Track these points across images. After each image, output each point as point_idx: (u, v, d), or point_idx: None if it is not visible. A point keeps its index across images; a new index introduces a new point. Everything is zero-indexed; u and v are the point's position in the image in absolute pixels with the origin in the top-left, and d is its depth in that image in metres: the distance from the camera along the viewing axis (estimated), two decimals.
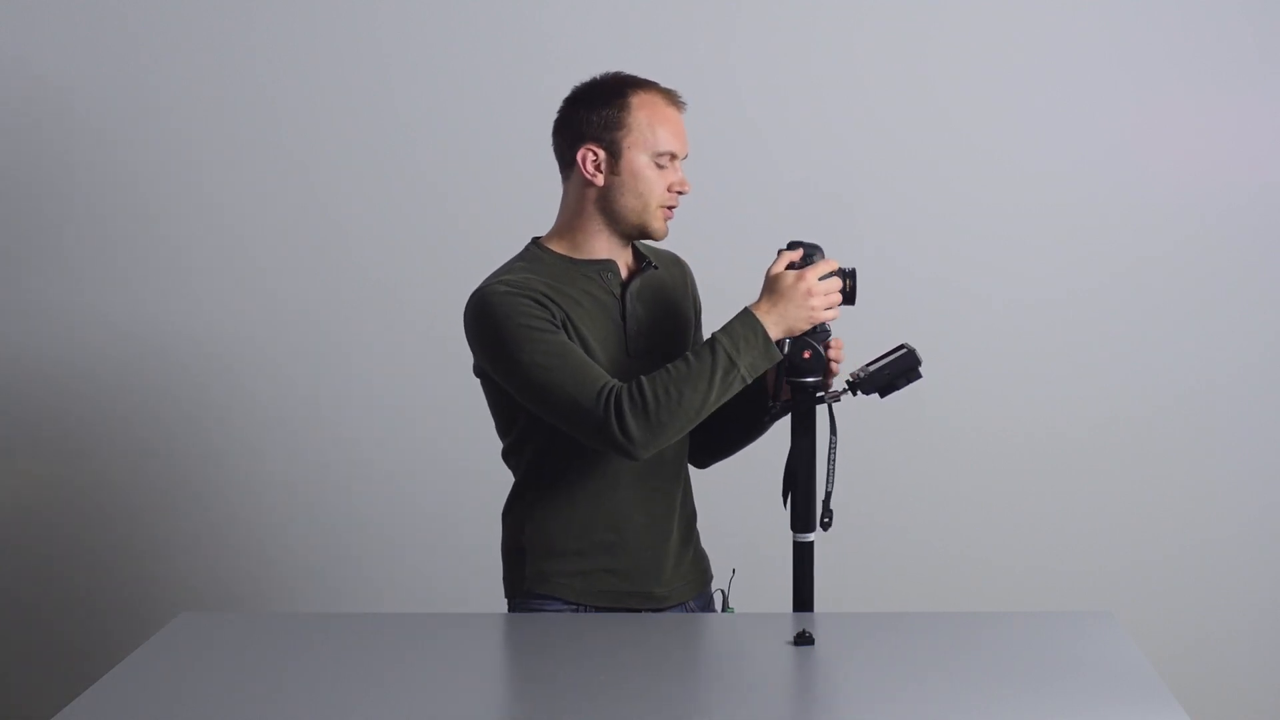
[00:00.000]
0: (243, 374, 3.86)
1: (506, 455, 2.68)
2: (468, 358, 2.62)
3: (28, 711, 3.87)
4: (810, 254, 2.54)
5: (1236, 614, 3.89)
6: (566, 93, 2.63)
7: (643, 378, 2.46)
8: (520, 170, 3.74)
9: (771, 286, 2.52)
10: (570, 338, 2.52)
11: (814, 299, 2.49)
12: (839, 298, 2.53)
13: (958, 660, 2.31)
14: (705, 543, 2.79)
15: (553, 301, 2.52)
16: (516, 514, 2.66)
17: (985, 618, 2.63)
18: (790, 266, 2.52)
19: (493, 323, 2.50)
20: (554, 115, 2.64)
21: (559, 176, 2.64)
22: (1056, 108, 3.79)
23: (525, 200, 3.67)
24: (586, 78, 2.63)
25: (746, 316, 2.49)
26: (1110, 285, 3.83)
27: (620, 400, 2.43)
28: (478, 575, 3.41)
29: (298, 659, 2.38)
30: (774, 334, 2.48)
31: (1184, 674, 3.63)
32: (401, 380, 3.85)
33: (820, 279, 2.50)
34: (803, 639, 2.37)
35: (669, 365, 2.47)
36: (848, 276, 2.54)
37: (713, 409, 2.48)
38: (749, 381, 2.48)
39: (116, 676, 2.27)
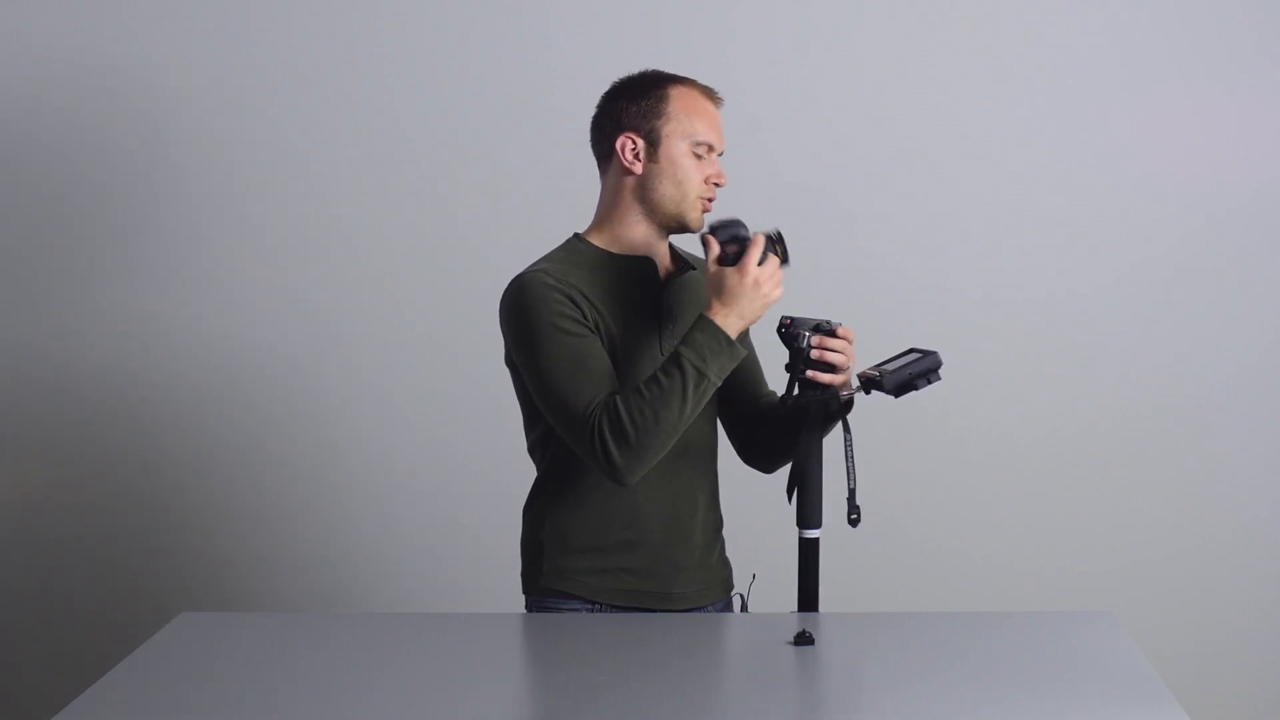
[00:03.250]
0: (244, 373, 3.86)
1: (532, 449, 2.68)
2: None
3: (28, 711, 3.87)
4: (735, 234, 2.54)
5: (1236, 614, 3.89)
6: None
7: (618, 401, 2.45)
8: (536, 174, 3.74)
9: (718, 288, 2.50)
10: (602, 338, 2.53)
11: (762, 287, 2.50)
12: (780, 274, 2.53)
13: (958, 660, 2.31)
14: (731, 548, 2.78)
15: (588, 301, 2.53)
16: (537, 510, 2.66)
17: (985, 618, 2.63)
18: (722, 259, 2.52)
19: (525, 310, 2.52)
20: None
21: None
22: (1057, 107, 3.79)
23: (539, 204, 3.69)
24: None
25: (705, 324, 2.49)
26: (1110, 285, 3.83)
27: (601, 424, 2.44)
28: (483, 575, 3.42)
29: (298, 659, 2.38)
30: (733, 332, 2.49)
31: (1184, 674, 3.63)
32: (407, 380, 3.85)
33: (760, 264, 2.50)
34: (802, 639, 2.36)
35: (641, 385, 2.46)
36: (777, 242, 2.54)
37: (691, 420, 2.49)
38: (719, 384, 2.49)
39: (116, 676, 2.27)
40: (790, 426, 2.67)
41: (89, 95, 3.79)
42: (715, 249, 2.52)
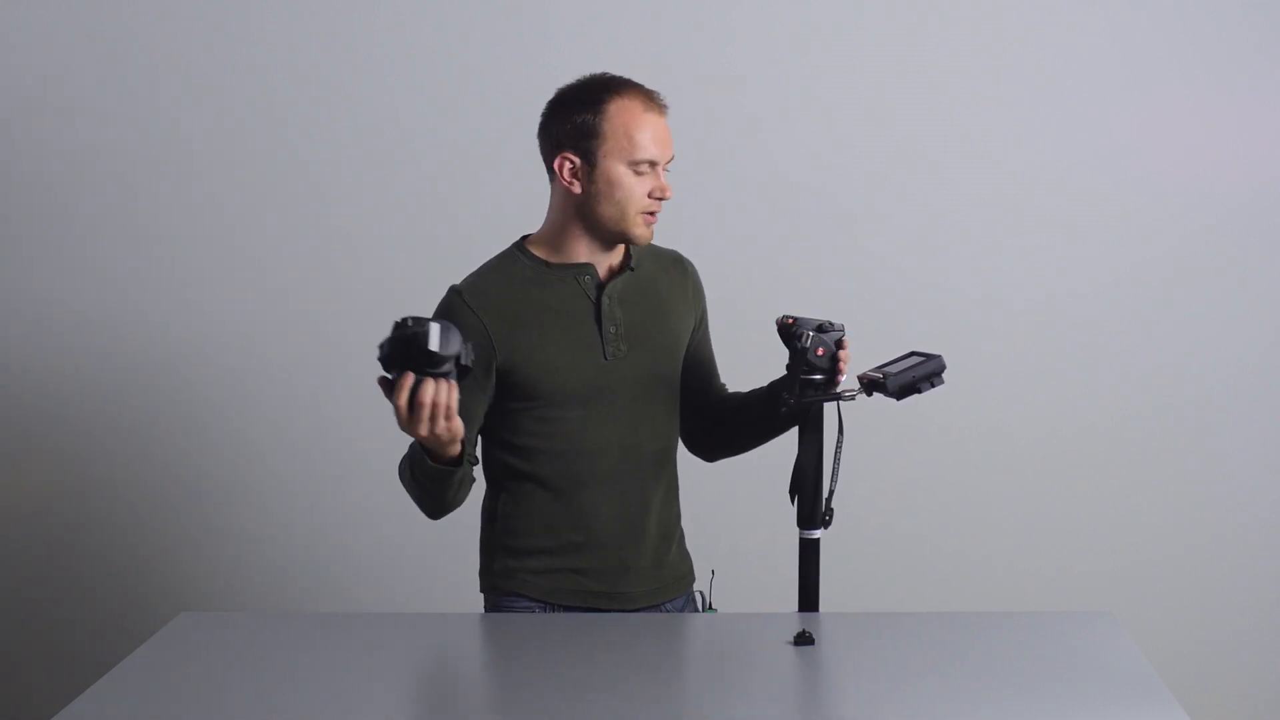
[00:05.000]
0: (242, 374, 3.86)
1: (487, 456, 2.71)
2: None
3: (28, 711, 3.87)
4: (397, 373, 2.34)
5: (1236, 614, 3.89)
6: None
7: (403, 462, 2.55)
8: (520, 169, 3.74)
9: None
10: (504, 360, 2.55)
11: (420, 429, 2.35)
12: (436, 407, 2.33)
13: (958, 660, 2.31)
14: (691, 543, 2.78)
15: (503, 321, 2.54)
16: (490, 509, 2.68)
17: (985, 618, 2.63)
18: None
19: None
20: None
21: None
22: (1057, 108, 3.79)
23: (525, 199, 3.68)
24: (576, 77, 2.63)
25: (419, 450, 2.46)
26: (1110, 285, 3.83)
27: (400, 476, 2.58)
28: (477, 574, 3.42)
29: (298, 659, 2.38)
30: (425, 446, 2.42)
31: (1184, 674, 3.63)
32: None
33: (406, 402, 2.33)
34: (802, 639, 2.37)
35: (405, 461, 2.54)
36: (414, 352, 2.33)
37: (437, 496, 2.52)
38: (428, 481, 2.48)
39: (116, 676, 2.27)
40: (742, 424, 2.71)
41: (78, 91, 3.80)
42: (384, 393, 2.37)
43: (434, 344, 2.30)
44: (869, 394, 2.58)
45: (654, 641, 2.45)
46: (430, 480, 2.48)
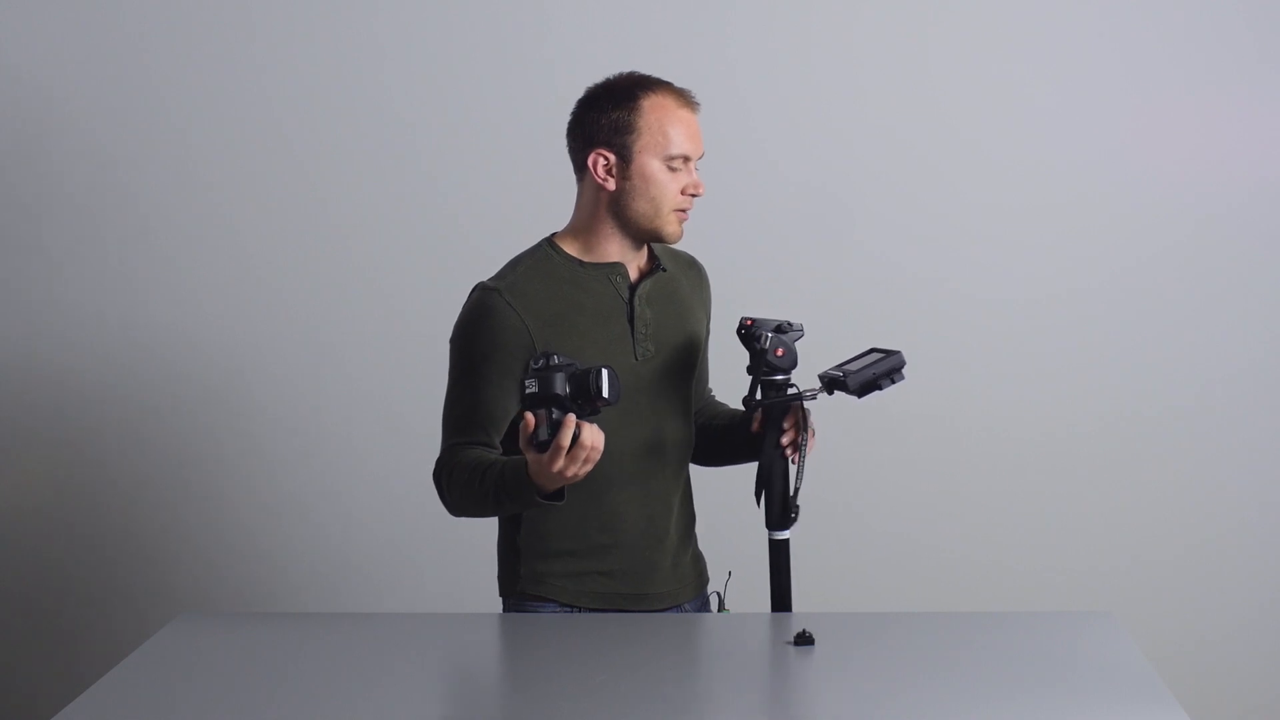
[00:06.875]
0: (243, 374, 3.86)
1: (505, 452, 2.68)
2: None
3: (28, 712, 3.87)
4: (551, 415, 2.35)
5: (1236, 614, 3.89)
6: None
7: (455, 466, 2.52)
8: (524, 170, 3.75)
9: (536, 465, 2.39)
10: (542, 359, 2.48)
11: (569, 469, 2.36)
12: (593, 450, 2.36)
13: (958, 660, 2.32)
14: (703, 545, 2.78)
15: (541, 321, 2.54)
16: (514, 513, 2.66)
17: (985, 618, 2.63)
18: (534, 442, 2.36)
19: (459, 323, 2.60)
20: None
21: (563, 176, 2.64)
22: (1057, 108, 3.79)
23: (528, 200, 3.69)
24: (589, 77, 2.63)
25: (526, 476, 2.41)
26: (1110, 285, 3.83)
27: (440, 468, 2.55)
28: (477, 575, 3.42)
29: (298, 659, 2.38)
30: (544, 490, 2.42)
31: (1184, 674, 3.63)
32: (401, 381, 3.85)
33: (568, 451, 2.35)
34: (803, 639, 2.37)
35: (470, 466, 2.49)
36: (590, 400, 2.36)
37: (501, 513, 2.57)
38: (528, 504, 2.46)
39: (116, 676, 2.27)
40: (723, 444, 2.74)
41: (79, 93, 3.80)
42: (530, 428, 2.37)
43: (607, 392, 2.35)
44: (830, 393, 2.58)
45: (653, 641, 2.45)
46: (519, 506, 2.47)
